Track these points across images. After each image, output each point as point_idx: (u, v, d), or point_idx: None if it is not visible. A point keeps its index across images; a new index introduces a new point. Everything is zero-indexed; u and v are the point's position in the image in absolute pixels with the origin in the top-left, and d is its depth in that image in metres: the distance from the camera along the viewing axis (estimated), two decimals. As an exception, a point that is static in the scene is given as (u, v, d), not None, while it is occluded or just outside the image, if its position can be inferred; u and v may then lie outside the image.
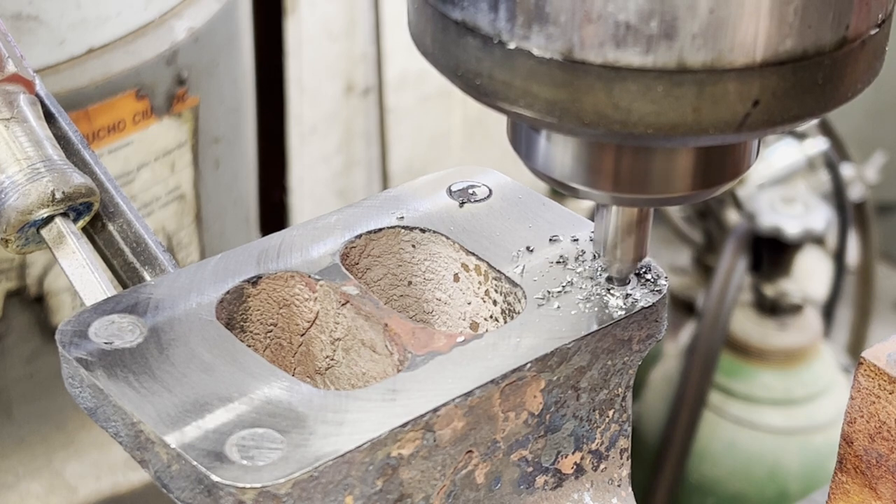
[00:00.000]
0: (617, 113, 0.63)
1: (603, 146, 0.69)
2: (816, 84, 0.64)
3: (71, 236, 0.87)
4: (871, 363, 0.77)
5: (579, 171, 0.70)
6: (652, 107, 0.62)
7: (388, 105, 2.78)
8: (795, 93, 0.64)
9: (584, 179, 0.70)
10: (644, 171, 0.69)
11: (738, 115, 0.63)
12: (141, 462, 0.70)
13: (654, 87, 0.62)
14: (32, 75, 0.92)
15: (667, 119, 0.63)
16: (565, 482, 0.80)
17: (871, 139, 3.27)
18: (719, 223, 2.67)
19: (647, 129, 0.63)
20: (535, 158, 0.72)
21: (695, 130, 0.63)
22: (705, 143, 0.68)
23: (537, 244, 0.83)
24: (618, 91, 0.62)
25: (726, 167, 0.71)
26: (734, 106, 0.63)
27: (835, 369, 2.48)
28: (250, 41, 2.16)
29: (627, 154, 0.69)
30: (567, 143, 0.70)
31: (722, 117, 0.63)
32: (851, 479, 0.80)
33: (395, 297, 0.86)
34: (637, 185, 0.70)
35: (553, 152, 0.71)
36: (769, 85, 0.63)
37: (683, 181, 0.70)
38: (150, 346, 0.73)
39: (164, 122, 1.42)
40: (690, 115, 0.63)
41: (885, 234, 3.23)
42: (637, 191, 0.70)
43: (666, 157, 0.69)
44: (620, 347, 0.78)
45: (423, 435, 0.70)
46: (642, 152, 0.69)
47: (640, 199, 0.71)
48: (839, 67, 0.65)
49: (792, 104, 0.64)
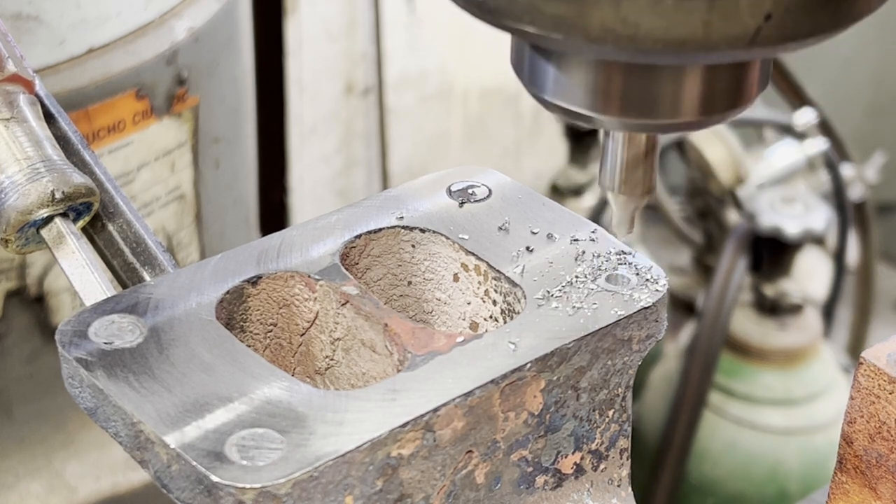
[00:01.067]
0: (625, 28, 0.60)
1: (610, 68, 0.67)
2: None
3: (71, 236, 0.87)
4: (871, 363, 0.77)
5: (586, 95, 0.68)
6: (661, 21, 0.60)
7: (388, 105, 2.78)
8: (808, 7, 0.62)
9: (591, 105, 0.68)
10: (652, 94, 0.67)
11: (749, 29, 0.61)
12: (141, 462, 0.70)
13: (663, 1, 0.60)
14: (32, 75, 0.92)
15: (676, 34, 0.61)
16: (565, 482, 0.80)
17: (871, 139, 3.27)
18: (719, 223, 2.67)
19: (656, 44, 0.61)
20: (540, 84, 0.70)
21: (705, 46, 0.61)
22: (715, 61, 0.65)
23: (537, 244, 0.83)
24: (626, 5, 0.60)
25: (735, 92, 0.69)
26: (745, 20, 0.60)
27: (835, 369, 2.47)
28: (250, 41, 2.16)
29: (635, 77, 0.67)
30: (572, 67, 0.68)
31: (733, 32, 0.61)
32: (851, 479, 0.80)
33: (394, 297, 0.86)
34: (645, 110, 0.68)
35: (559, 77, 0.68)
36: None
37: (692, 105, 0.68)
38: (150, 346, 0.73)
39: (164, 122, 1.42)
40: (700, 30, 0.60)
41: (885, 234, 3.23)
42: (645, 115, 0.68)
43: (674, 78, 0.67)
44: (620, 347, 0.78)
45: (423, 435, 0.70)
46: (650, 75, 0.67)
47: (649, 125, 0.69)
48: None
49: (805, 19, 0.62)
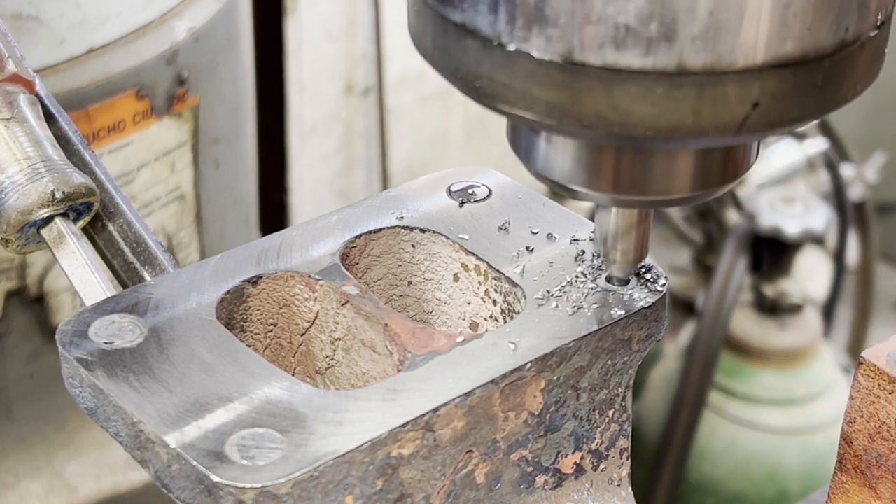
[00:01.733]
0: (617, 115, 0.63)
1: (602, 148, 0.69)
2: (816, 86, 0.64)
3: (71, 236, 0.87)
4: (871, 363, 0.77)
5: (579, 172, 0.70)
6: (652, 109, 0.62)
7: (388, 105, 2.78)
8: (795, 95, 0.64)
9: (583, 181, 0.70)
10: (644, 172, 0.69)
11: (737, 117, 0.63)
12: (141, 462, 0.70)
13: (654, 89, 0.62)
14: (32, 75, 0.92)
15: (667, 121, 0.63)
16: (565, 482, 0.80)
17: (871, 139, 3.27)
18: (719, 223, 2.67)
19: (647, 130, 0.63)
20: (534, 160, 0.72)
21: (695, 132, 0.63)
22: (705, 145, 0.68)
23: (537, 244, 0.83)
24: (618, 93, 0.62)
25: (726, 169, 0.71)
26: (734, 108, 0.63)
27: (835, 369, 2.47)
28: (250, 41, 2.16)
29: (627, 156, 0.69)
30: (566, 145, 0.70)
31: (722, 119, 0.63)
32: (851, 479, 0.80)
33: (394, 297, 0.86)
34: (637, 187, 0.70)
35: (553, 154, 0.71)
36: (769, 87, 0.63)
37: (683, 183, 0.70)
38: (151, 345, 0.73)
39: (164, 122, 1.42)
40: (690, 117, 0.63)
41: (885, 234, 3.23)
42: (637, 192, 0.70)
43: (665, 158, 0.69)
44: (620, 347, 0.78)
45: (423, 435, 0.70)
46: (642, 154, 0.69)
47: (640, 201, 0.71)
48: (839, 69, 0.65)
49: (791, 106, 0.64)
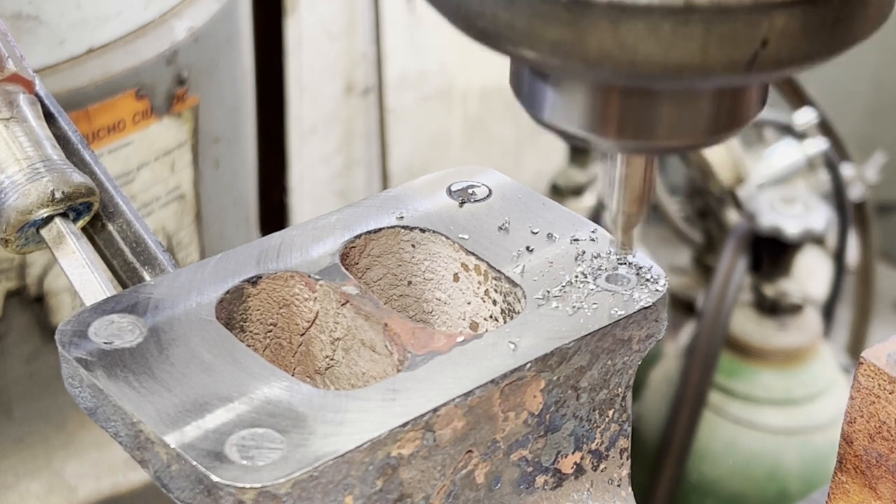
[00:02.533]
0: (623, 53, 0.61)
1: (607, 91, 0.67)
2: (826, 24, 0.62)
3: (71, 236, 0.87)
4: (871, 363, 0.77)
5: (584, 118, 0.69)
6: (658, 46, 0.61)
7: (388, 105, 2.78)
8: (805, 33, 0.62)
9: (588, 126, 0.69)
10: (649, 117, 0.68)
11: (746, 54, 0.61)
12: (141, 462, 0.70)
13: (661, 26, 0.60)
14: (32, 75, 0.92)
15: (673, 58, 0.61)
16: (565, 482, 0.80)
17: (871, 139, 3.27)
18: (719, 223, 2.67)
19: (654, 69, 0.61)
20: (538, 107, 0.70)
21: (702, 70, 0.62)
22: (712, 85, 0.66)
23: (537, 244, 0.83)
24: (623, 30, 0.61)
25: (732, 113, 0.69)
26: (742, 45, 0.61)
27: (835, 369, 2.47)
28: (250, 41, 2.17)
29: (632, 100, 0.67)
30: (571, 90, 0.68)
31: (730, 57, 0.61)
32: (851, 478, 0.80)
33: (394, 296, 0.86)
34: (642, 132, 0.68)
35: (557, 99, 0.69)
36: (778, 24, 0.61)
37: (689, 127, 0.68)
38: (150, 345, 0.73)
39: (164, 122, 1.42)
40: (698, 55, 0.61)
41: (885, 234, 3.23)
42: (642, 137, 0.69)
43: (671, 102, 0.67)
44: (620, 347, 0.78)
45: (423, 435, 0.70)
46: (647, 97, 0.67)
47: (646, 147, 0.70)
48: (849, 7, 0.63)
49: (801, 44, 0.62)
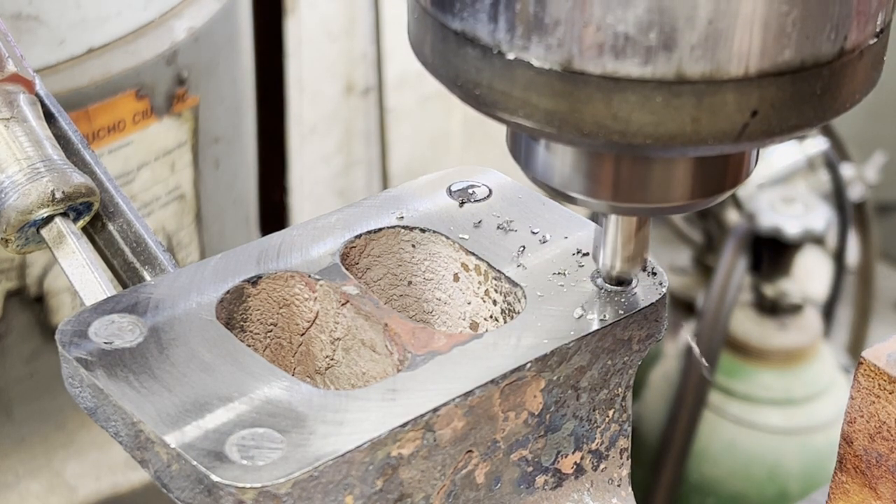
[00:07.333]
0: (616, 123, 0.63)
1: (601, 156, 0.69)
2: (815, 94, 0.64)
3: (71, 236, 0.87)
4: (871, 363, 0.77)
5: (578, 180, 0.70)
6: (651, 117, 0.62)
7: (388, 105, 2.78)
8: (794, 103, 0.64)
9: (582, 188, 0.70)
10: (642, 180, 0.69)
11: (736, 125, 0.63)
12: (141, 462, 0.70)
13: (653, 98, 0.62)
14: (32, 75, 0.92)
15: (666, 129, 0.63)
16: (565, 482, 0.80)
17: (871, 139, 3.27)
18: (719, 223, 2.67)
19: (646, 139, 0.63)
20: (534, 167, 0.72)
21: (693, 141, 0.63)
22: (704, 154, 0.67)
23: (537, 244, 0.83)
24: (617, 101, 0.62)
25: (725, 176, 0.71)
26: (733, 116, 0.63)
27: (835, 369, 2.47)
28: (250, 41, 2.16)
29: (626, 164, 0.69)
30: (566, 153, 0.70)
31: (720, 128, 0.63)
32: (851, 478, 0.80)
33: (394, 296, 0.86)
34: (635, 195, 0.70)
35: (552, 161, 0.71)
36: (767, 95, 0.63)
37: (682, 190, 0.70)
38: (150, 345, 0.73)
39: (164, 122, 1.42)
40: (689, 126, 0.63)
41: (885, 234, 3.23)
42: (636, 200, 0.70)
43: (664, 166, 0.69)
44: (620, 347, 0.78)
45: (423, 435, 0.70)
46: (641, 162, 0.69)
47: (639, 209, 0.71)
48: (837, 77, 0.64)
49: (790, 114, 0.64)
